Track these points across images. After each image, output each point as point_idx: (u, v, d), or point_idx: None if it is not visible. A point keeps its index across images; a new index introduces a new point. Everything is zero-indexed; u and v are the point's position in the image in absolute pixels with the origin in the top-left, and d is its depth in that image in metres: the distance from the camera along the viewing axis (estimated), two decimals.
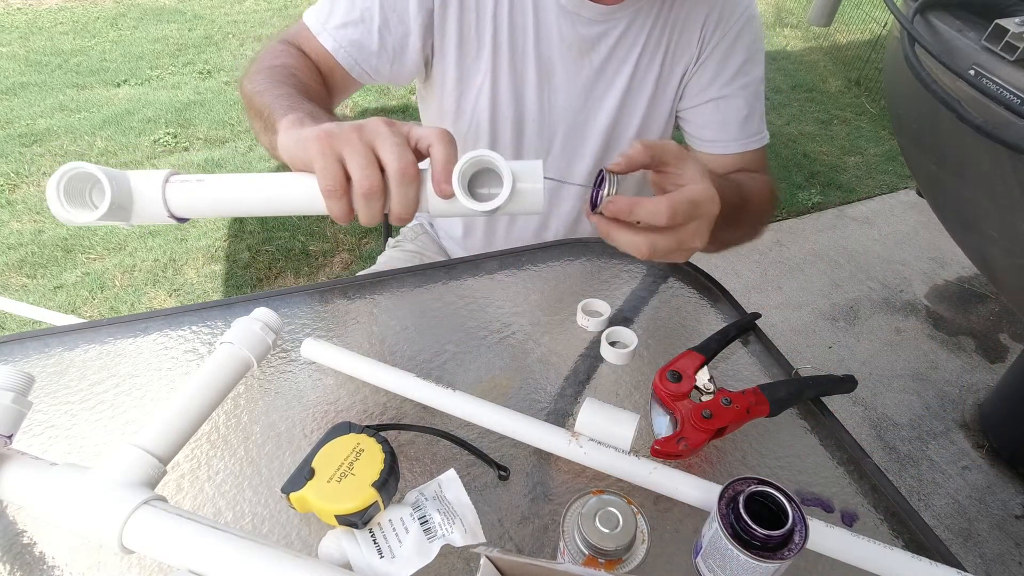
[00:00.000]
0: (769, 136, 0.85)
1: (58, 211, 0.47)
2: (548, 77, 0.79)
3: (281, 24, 3.76)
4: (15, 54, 3.24)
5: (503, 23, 0.75)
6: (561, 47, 0.76)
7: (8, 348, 0.64)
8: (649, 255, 0.52)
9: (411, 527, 0.46)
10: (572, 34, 0.75)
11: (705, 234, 0.53)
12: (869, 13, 3.58)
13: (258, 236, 2.11)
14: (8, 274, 1.92)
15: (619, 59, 0.78)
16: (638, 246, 0.52)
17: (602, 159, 0.85)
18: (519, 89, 0.79)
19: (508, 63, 0.77)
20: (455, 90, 0.80)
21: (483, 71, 0.77)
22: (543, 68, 0.78)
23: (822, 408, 0.62)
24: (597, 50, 0.77)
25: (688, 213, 0.51)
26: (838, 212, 2.38)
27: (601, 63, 0.78)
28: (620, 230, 0.52)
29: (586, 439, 0.54)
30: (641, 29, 0.77)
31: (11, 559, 0.48)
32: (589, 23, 0.75)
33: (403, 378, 0.59)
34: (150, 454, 0.47)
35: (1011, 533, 1.39)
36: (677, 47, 0.78)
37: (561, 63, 0.78)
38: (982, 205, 0.99)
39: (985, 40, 0.88)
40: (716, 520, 0.44)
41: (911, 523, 0.53)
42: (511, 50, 0.76)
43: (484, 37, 0.75)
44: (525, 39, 0.76)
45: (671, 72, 0.80)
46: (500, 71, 0.77)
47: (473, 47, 0.76)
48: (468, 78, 0.79)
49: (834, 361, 1.79)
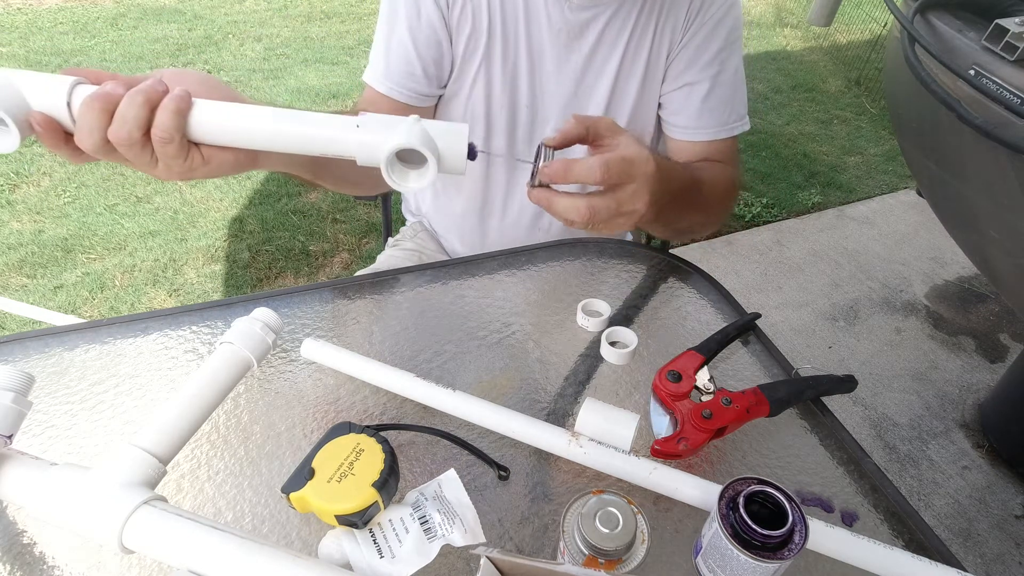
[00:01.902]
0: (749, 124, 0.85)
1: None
2: (539, 64, 0.80)
3: (281, 24, 3.77)
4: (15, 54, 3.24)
5: (496, 11, 0.76)
6: (551, 33, 0.78)
7: (8, 348, 0.64)
8: (590, 216, 0.53)
9: (411, 527, 0.46)
10: (561, 20, 0.76)
11: (644, 195, 0.54)
12: (869, 13, 3.58)
13: (258, 236, 2.11)
14: (8, 274, 1.92)
15: (608, 44, 0.79)
16: (578, 208, 0.53)
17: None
18: (512, 76, 0.80)
19: (501, 51, 0.78)
20: (454, 84, 0.82)
21: (479, 59, 0.79)
22: (534, 55, 0.79)
23: (822, 408, 0.62)
24: (586, 36, 0.78)
25: (622, 170, 0.52)
26: (838, 212, 2.38)
27: (591, 49, 0.79)
28: (559, 196, 0.54)
29: (586, 439, 0.54)
30: (629, 14, 0.77)
31: (11, 559, 0.48)
32: (578, 9, 0.76)
33: (403, 378, 0.59)
34: (150, 454, 0.47)
35: (1011, 533, 1.39)
36: (663, 31, 0.79)
37: (551, 49, 0.79)
38: (982, 205, 0.99)
39: (985, 40, 0.88)
40: (716, 520, 0.44)
41: (911, 523, 0.53)
42: (503, 37, 0.78)
43: (480, 28, 0.77)
44: (517, 26, 0.77)
45: (658, 56, 0.81)
46: (494, 58, 0.79)
47: (471, 40, 0.78)
48: (466, 66, 0.80)
49: (834, 361, 1.78)
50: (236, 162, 0.52)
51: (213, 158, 0.50)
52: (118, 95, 0.46)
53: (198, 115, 0.48)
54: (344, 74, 3.18)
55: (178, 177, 0.50)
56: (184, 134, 0.47)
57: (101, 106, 0.45)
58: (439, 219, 1.01)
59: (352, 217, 2.21)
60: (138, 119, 0.45)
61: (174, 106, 0.46)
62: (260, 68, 3.24)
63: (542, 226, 0.93)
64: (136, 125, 0.45)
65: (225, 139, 0.49)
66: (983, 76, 0.87)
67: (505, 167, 0.88)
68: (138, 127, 0.46)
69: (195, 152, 0.49)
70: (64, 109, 0.47)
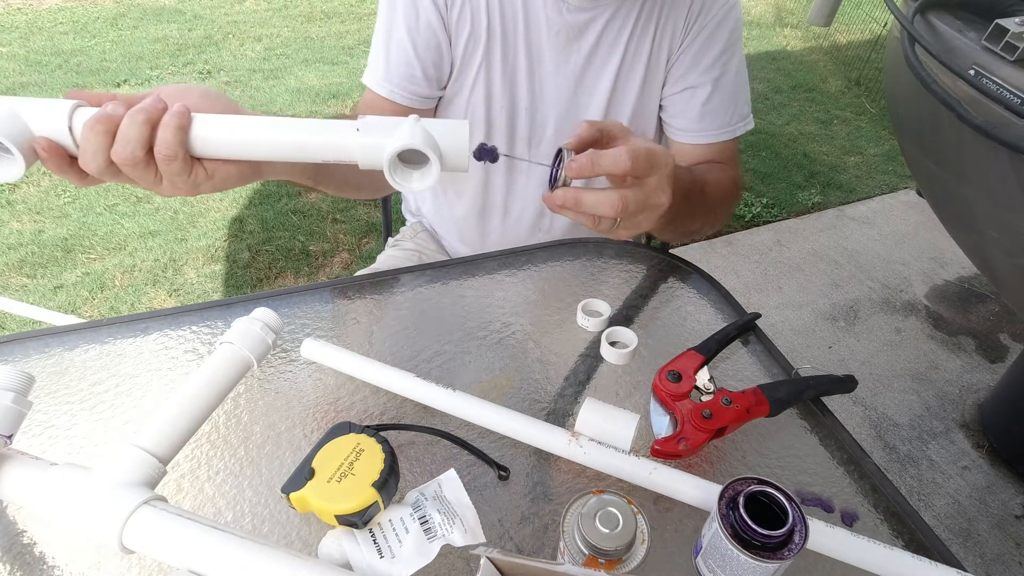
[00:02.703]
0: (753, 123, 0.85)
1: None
2: (539, 65, 0.80)
3: (281, 24, 3.77)
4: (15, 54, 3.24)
5: (495, 13, 0.76)
6: (549, 35, 0.78)
7: (8, 348, 0.64)
8: (622, 207, 0.52)
9: (411, 527, 0.46)
10: (559, 22, 0.76)
11: (667, 188, 0.54)
12: (869, 13, 3.58)
13: (258, 236, 2.11)
14: (8, 274, 1.92)
15: (608, 45, 0.79)
16: (610, 199, 0.52)
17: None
18: (511, 77, 0.80)
19: (500, 52, 0.78)
20: (454, 85, 0.82)
21: (478, 61, 0.79)
22: (533, 56, 0.79)
23: (822, 408, 0.62)
24: (585, 37, 0.78)
25: (648, 159, 0.52)
26: (838, 212, 2.38)
27: (590, 50, 0.79)
28: (587, 192, 0.53)
29: (586, 439, 0.54)
30: (628, 15, 0.77)
31: (11, 559, 0.48)
32: (576, 11, 0.76)
33: (403, 378, 0.59)
34: (150, 454, 0.47)
35: (1011, 533, 1.39)
36: (664, 32, 0.79)
37: (550, 51, 0.79)
38: (982, 205, 0.99)
39: (985, 40, 0.88)
40: (716, 520, 0.44)
41: (911, 523, 0.53)
42: (503, 39, 0.78)
43: (479, 30, 0.77)
44: (516, 27, 0.77)
45: (658, 58, 0.81)
46: (493, 60, 0.79)
47: (470, 42, 0.78)
48: (466, 68, 0.80)
49: (834, 361, 1.78)
50: (240, 174, 0.52)
51: (217, 172, 0.50)
52: (119, 115, 0.46)
53: (199, 130, 0.48)
54: (344, 74, 3.18)
55: (183, 193, 0.51)
56: (187, 150, 0.48)
57: (103, 128, 0.46)
58: (439, 220, 1.01)
59: (352, 217, 2.21)
60: (140, 138, 0.46)
61: (175, 122, 0.46)
62: (260, 68, 3.24)
63: (543, 227, 0.93)
64: (139, 144, 0.46)
65: (227, 152, 0.50)
66: (983, 76, 0.87)
67: (505, 168, 0.88)
68: (141, 146, 0.46)
69: (198, 167, 0.49)
70: (66, 133, 0.47)
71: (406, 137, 0.48)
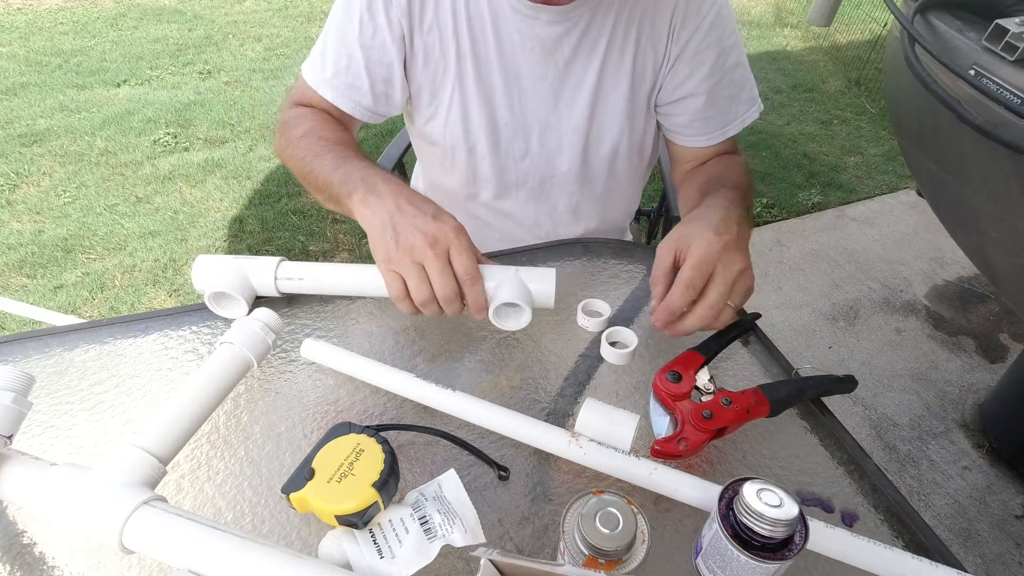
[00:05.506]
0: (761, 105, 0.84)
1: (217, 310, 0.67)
2: (516, 81, 0.79)
3: (281, 24, 3.77)
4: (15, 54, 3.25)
5: (464, 36, 0.75)
6: (524, 51, 0.77)
7: (8, 348, 0.64)
8: (717, 313, 0.60)
9: (411, 527, 0.46)
10: (532, 37, 0.76)
11: (735, 254, 0.61)
12: (869, 13, 3.58)
13: (258, 236, 2.11)
14: (8, 274, 1.92)
15: (585, 55, 0.78)
16: (702, 317, 0.59)
17: (583, 155, 0.85)
18: (488, 97, 0.80)
19: (473, 74, 0.78)
20: (428, 108, 0.81)
21: (450, 85, 0.79)
22: (509, 73, 0.78)
23: (822, 408, 0.62)
24: (560, 50, 0.77)
25: (703, 271, 0.59)
26: (838, 212, 2.38)
27: (566, 62, 0.78)
28: (682, 320, 0.60)
29: (586, 439, 0.54)
30: (603, 25, 0.76)
31: (11, 559, 0.48)
32: (548, 24, 0.75)
33: (403, 378, 0.59)
34: (150, 454, 0.47)
35: (1011, 533, 1.39)
36: (648, 40, 0.77)
37: (527, 66, 0.78)
38: (982, 205, 0.99)
39: (985, 40, 0.88)
40: (716, 520, 0.44)
41: (911, 523, 0.53)
42: (475, 61, 0.77)
43: (448, 52, 0.76)
44: (487, 48, 0.77)
45: (644, 65, 0.79)
46: (467, 83, 0.78)
47: (440, 65, 0.78)
48: (438, 94, 0.80)
49: (834, 361, 1.79)
50: None
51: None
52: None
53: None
54: None
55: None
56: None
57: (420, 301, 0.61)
58: None
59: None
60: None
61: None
62: (260, 68, 3.24)
63: (539, 235, 0.93)
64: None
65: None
66: (983, 76, 0.86)
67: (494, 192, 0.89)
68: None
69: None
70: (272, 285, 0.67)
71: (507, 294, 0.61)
